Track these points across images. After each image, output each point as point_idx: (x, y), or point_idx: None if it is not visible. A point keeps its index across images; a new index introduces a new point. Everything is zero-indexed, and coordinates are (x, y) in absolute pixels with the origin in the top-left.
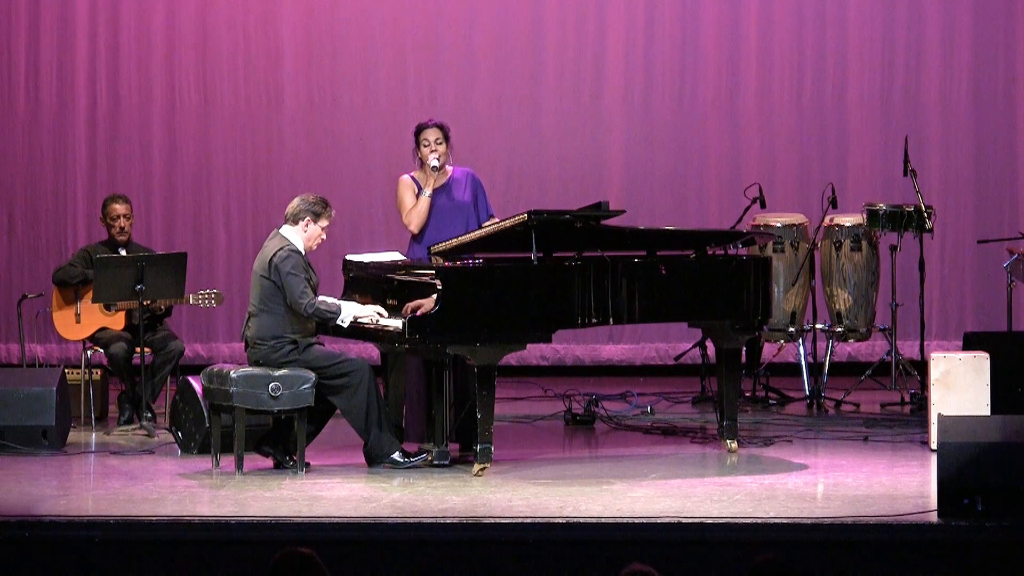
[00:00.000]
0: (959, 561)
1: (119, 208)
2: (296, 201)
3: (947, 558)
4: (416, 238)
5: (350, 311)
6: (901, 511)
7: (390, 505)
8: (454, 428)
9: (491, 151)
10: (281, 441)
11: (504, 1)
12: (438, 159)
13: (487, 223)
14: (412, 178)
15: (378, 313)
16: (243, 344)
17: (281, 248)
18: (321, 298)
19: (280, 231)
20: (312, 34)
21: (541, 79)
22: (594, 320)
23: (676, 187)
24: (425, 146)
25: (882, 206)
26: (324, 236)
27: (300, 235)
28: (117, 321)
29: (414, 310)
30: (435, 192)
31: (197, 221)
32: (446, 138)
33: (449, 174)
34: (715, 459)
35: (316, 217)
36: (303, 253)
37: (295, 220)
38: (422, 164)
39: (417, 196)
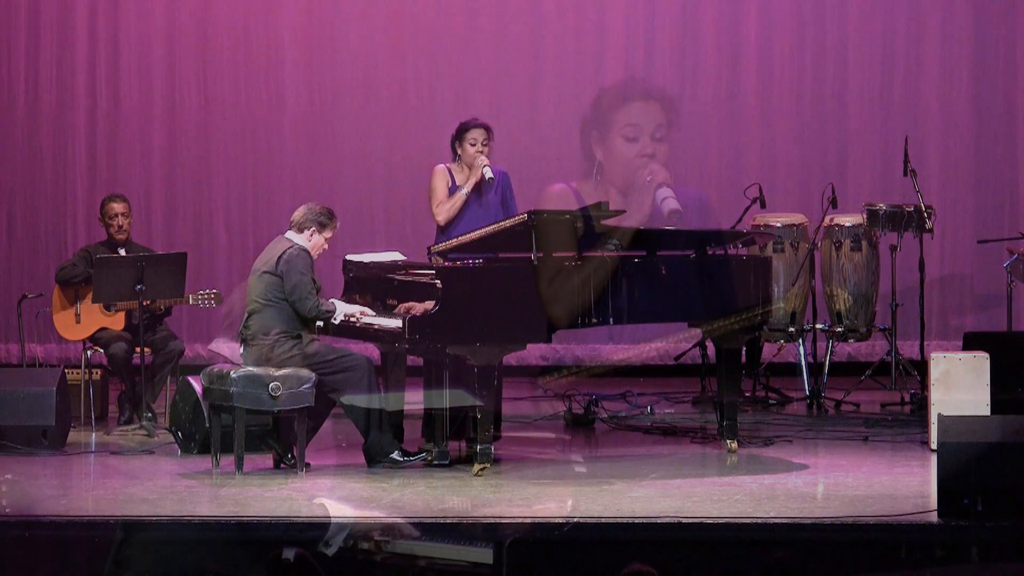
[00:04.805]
0: (959, 561)
1: (117, 207)
2: (303, 210)
3: (947, 558)
4: (443, 231)
5: (342, 308)
6: (901, 511)
7: (390, 505)
8: (455, 426)
9: (491, 151)
10: (282, 438)
11: (504, 1)
12: (489, 168)
13: None
14: (447, 168)
15: (362, 312)
16: (239, 343)
17: (292, 247)
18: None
19: (286, 236)
20: (312, 34)
21: (541, 79)
22: (594, 320)
23: (676, 187)
24: (472, 145)
25: (882, 206)
26: (326, 247)
27: (306, 242)
28: (117, 321)
29: (407, 310)
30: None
31: (197, 221)
32: (490, 139)
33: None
34: (715, 459)
35: (322, 228)
36: (311, 255)
37: (300, 228)
38: (457, 158)
39: (450, 189)
